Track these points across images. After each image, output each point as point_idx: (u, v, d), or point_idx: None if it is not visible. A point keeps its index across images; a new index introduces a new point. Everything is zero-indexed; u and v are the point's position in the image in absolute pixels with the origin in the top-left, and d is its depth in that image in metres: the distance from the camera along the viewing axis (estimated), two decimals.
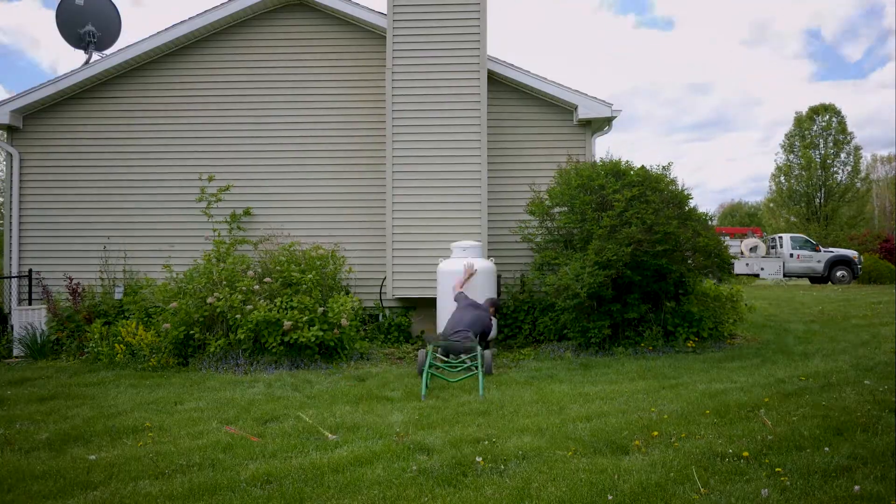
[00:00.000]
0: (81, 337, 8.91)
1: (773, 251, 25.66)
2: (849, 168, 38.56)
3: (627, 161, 8.98)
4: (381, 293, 9.95)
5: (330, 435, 4.90)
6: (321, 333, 7.73)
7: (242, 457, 4.44)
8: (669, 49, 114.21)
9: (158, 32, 10.10)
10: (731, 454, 4.18)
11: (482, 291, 8.62)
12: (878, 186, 49.14)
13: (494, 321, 8.50)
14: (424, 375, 6.47)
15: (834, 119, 38.42)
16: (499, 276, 9.24)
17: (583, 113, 9.91)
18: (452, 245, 9.03)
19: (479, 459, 4.22)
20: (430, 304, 9.46)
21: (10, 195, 10.24)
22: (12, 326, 9.26)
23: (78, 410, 5.85)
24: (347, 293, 9.06)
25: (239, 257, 8.88)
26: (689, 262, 8.68)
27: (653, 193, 8.35)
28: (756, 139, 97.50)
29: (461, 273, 8.54)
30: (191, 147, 10.28)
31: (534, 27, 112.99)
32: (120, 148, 10.31)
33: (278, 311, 7.80)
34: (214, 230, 9.79)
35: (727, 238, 21.21)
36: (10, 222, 10.21)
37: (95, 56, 11.22)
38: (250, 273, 8.35)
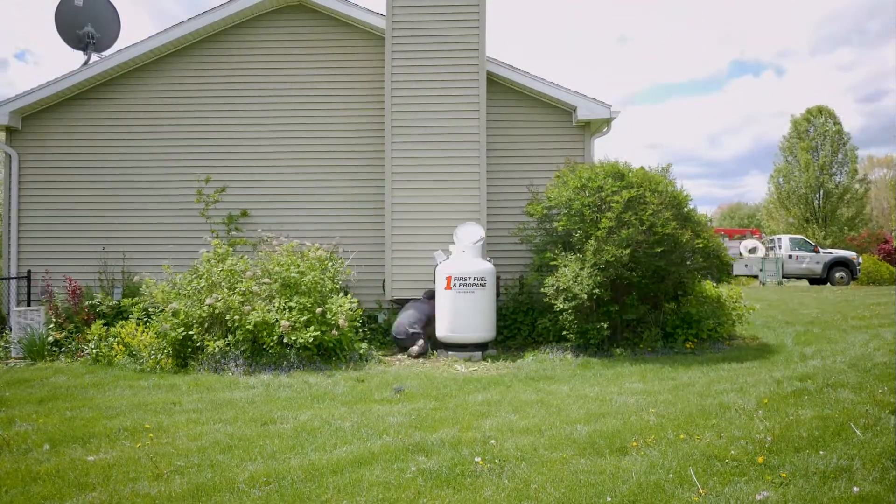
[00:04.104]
0: (80, 338, 8.89)
1: (771, 252, 25.68)
2: (846, 169, 38.59)
3: (626, 163, 9.00)
4: (380, 294, 9.94)
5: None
6: (319, 334, 7.73)
7: (241, 458, 4.43)
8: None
9: (157, 33, 10.11)
10: (730, 455, 4.18)
11: (483, 293, 8.63)
12: (876, 188, 49.18)
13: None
14: None
15: (830, 121, 38.45)
16: (498, 277, 9.24)
17: (582, 114, 9.92)
18: (451, 246, 9.03)
19: (478, 460, 4.22)
20: None
21: (9, 196, 10.23)
22: (11, 328, 9.25)
23: (76, 412, 5.84)
24: (346, 294, 9.06)
25: (238, 259, 8.87)
26: (689, 263, 8.68)
27: (651, 195, 8.35)
28: None
29: (460, 274, 8.58)
30: (190, 148, 10.28)
31: (533, 28, 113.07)
32: (119, 149, 10.31)
33: (277, 312, 7.80)
34: (213, 231, 9.79)
35: (726, 239, 21.22)
36: (9, 223, 10.21)
37: (94, 57, 11.22)
38: (248, 274, 8.35)
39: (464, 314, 8.64)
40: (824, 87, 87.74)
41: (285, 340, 7.71)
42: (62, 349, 8.84)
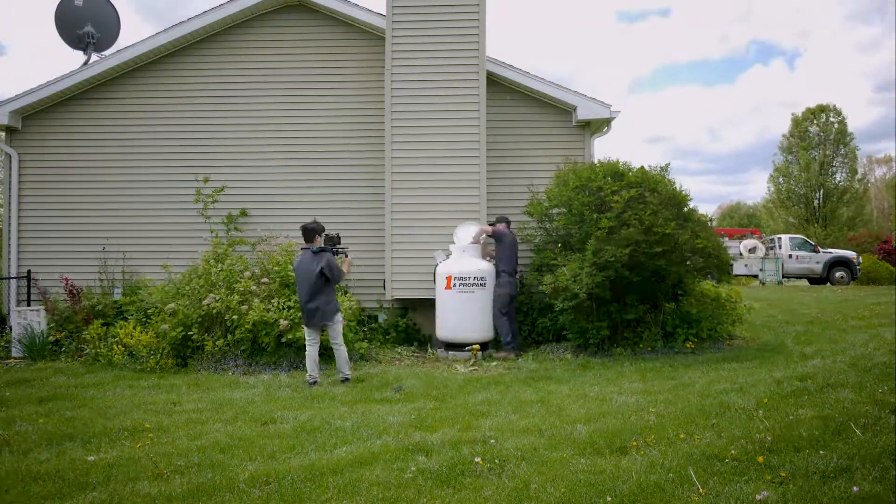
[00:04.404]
0: (80, 338, 8.89)
1: (771, 252, 25.68)
2: (847, 169, 38.60)
3: (626, 162, 8.99)
4: (381, 294, 9.94)
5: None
6: None
7: (241, 457, 4.44)
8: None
9: (158, 33, 10.11)
10: (730, 455, 4.18)
11: (483, 293, 8.64)
12: (875, 188, 49.17)
13: None
14: None
15: (833, 119, 38.45)
16: None
17: (581, 114, 9.92)
18: (451, 246, 9.03)
19: (478, 460, 4.21)
20: (429, 304, 9.46)
21: (9, 196, 10.23)
22: (11, 327, 9.25)
23: (77, 411, 5.84)
24: (346, 294, 9.06)
25: (237, 258, 8.87)
26: (688, 263, 8.68)
27: (651, 194, 8.35)
28: None
29: (460, 274, 8.59)
30: (189, 148, 10.27)
31: (534, 21, 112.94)
32: (119, 149, 10.30)
33: (276, 312, 7.79)
34: (212, 231, 9.79)
35: (726, 239, 21.21)
36: (9, 223, 10.20)
37: (94, 57, 11.22)
38: (247, 274, 8.35)
39: (464, 314, 8.64)
40: (841, 71, 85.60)
41: (284, 340, 7.71)
42: (62, 349, 8.85)
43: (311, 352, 6.99)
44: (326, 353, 8.07)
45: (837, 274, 24.18)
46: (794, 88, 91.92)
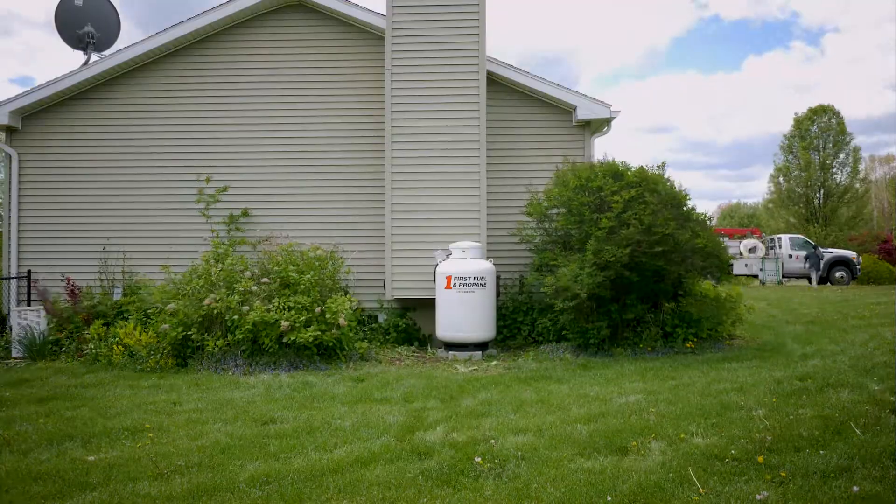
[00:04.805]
0: (80, 338, 8.89)
1: (771, 252, 25.70)
2: (848, 169, 38.64)
3: (625, 162, 8.99)
4: (381, 294, 9.94)
5: None
6: (319, 334, 7.73)
7: (241, 458, 4.44)
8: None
9: (157, 33, 10.11)
10: (730, 455, 4.18)
11: (483, 292, 8.65)
12: (876, 187, 49.19)
13: None
14: None
15: (833, 120, 38.50)
16: (498, 277, 9.24)
17: (582, 114, 9.92)
18: (451, 246, 9.04)
19: (478, 460, 4.22)
20: (429, 304, 9.46)
21: (9, 196, 10.23)
22: (11, 327, 9.25)
23: (77, 411, 5.84)
24: (346, 294, 9.05)
25: (237, 258, 8.87)
26: (688, 262, 8.68)
27: (651, 195, 8.35)
28: None
29: (460, 274, 8.59)
30: (189, 148, 10.28)
31: (533, 26, 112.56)
32: (119, 149, 10.30)
33: (276, 312, 7.79)
34: (213, 231, 9.79)
35: (726, 239, 21.21)
36: (9, 223, 10.21)
37: (94, 57, 11.22)
38: (248, 274, 8.35)
39: (464, 314, 8.64)
40: (870, 49, 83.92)
41: (285, 340, 7.71)
42: (62, 349, 8.84)
43: None
44: (326, 353, 8.09)
45: (837, 274, 24.19)
46: (811, 73, 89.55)
